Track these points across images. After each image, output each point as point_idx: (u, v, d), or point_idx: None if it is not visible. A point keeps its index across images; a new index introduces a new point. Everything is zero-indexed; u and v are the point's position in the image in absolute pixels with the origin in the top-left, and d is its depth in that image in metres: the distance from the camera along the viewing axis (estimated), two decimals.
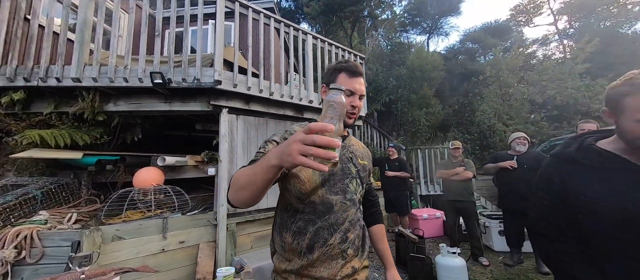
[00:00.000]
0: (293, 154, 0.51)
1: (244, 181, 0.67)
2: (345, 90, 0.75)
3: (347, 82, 0.91)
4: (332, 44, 3.89)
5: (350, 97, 0.91)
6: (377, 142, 7.50)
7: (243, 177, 0.68)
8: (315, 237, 0.85)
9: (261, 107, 3.15)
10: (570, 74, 9.28)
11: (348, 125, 0.94)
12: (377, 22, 14.20)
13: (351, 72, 0.92)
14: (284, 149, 0.55)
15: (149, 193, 2.43)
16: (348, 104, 0.89)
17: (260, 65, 2.99)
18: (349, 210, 0.90)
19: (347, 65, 0.94)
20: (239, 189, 0.68)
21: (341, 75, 0.93)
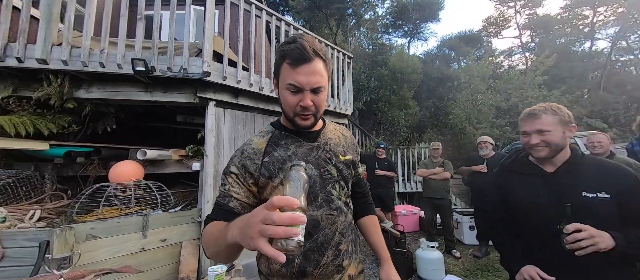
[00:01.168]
0: (254, 237, 0.42)
1: (212, 250, 0.62)
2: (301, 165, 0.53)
3: (290, 75, 0.69)
4: (322, 41, 3.88)
5: (297, 94, 0.70)
6: (358, 140, 7.68)
7: (211, 245, 0.62)
8: (305, 262, 0.75)
9: (250, 102, 3.07)
10: (531, 85, 10.26)
11: (304, 127, 0.76)
12: (361, 21, 14.39)
13: (294, 60, 0.67)
14: (245, 231, 0.45)
15: (128, 188, 2.27)
16: (296, 104, 0.71)
17: (251, 58, 2.90)
18: (337, 220, 0.80)
19: (289, 48, 0.68)
20: (212, 255, 0.64)
21: (284, 66, 0.70)
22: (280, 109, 0.79)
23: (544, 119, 1.03)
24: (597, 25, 16.59)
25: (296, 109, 0.72)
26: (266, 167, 0.75)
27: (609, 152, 2.38)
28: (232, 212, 0.70)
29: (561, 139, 1.01)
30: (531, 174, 1.10)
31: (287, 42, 0.72)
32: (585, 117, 10.77)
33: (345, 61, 4.42)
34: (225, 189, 0.73)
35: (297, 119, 0.74)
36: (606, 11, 16.13)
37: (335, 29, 12.44)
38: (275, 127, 0.85)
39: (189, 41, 2.48)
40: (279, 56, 0.72)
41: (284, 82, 0.71)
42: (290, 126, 0.81)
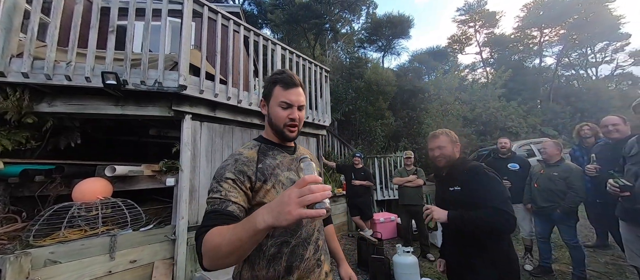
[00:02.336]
0: (292, 212, 0.53)
1: (227, 249, 0.60)
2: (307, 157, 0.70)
3: (283, 94, 0.88)
4: (300, 56, 4.02)
5: (288, 109, 0.88)
6: (337, 150, 7.83)
7: (224, 245, 0.60)
8: (292, 257, 0.83)
9: (228, 115, 3.06)
10: (492, 96, 11.27)
11: (291, 138, 0.91)
12: (338, 35, 14.94)
13: (286, 84, 0.88)
14: (280, 209, 0.54)
15: (94, 208, 2.14)
16: (286, 116, 0.88)
17: (229, 72, 2.93)
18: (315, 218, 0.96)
19: (281, 77, 0.89)
20: (223, 257, 0.61)
21: (277, 88, 0.89)
22: (268, 123, 0.94)
23: (441, 139, 1.48)
24: (544, 44, 18.82)
25: (286, 121, 0.89)
26: (261, 172, 0.84)
27: (559, 159, 2.70)
28: (232, 215, 0.72)
29: (452, 153, 1.47)
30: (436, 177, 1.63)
31: (277, 73, 0.91)
32: (539, 125, 11.98)
33: (323, 75, 4.59)
34: (221, 195, 0.75)
35: (285, 130, 0.89)
36: (551, 32, 18.39)
37: (313, 43, 12.79)
38: (260, 141, 0.95)
39: (164, 54, 2.45)
40: (270, 82, 0.91)
41: (277, 100, 0.89)
42: (275, 139, 0.95)
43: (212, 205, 0.74)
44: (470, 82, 14.92)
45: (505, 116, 10.60)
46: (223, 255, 0.60)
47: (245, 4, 15.54)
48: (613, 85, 18.62)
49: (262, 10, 15.31)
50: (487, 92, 11.41)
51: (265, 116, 0.94)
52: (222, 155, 3.04)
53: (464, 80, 14.82)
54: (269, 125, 0.93)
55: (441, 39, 43.57)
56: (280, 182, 0.85)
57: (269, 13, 13.19)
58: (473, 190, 1.32)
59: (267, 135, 0.96)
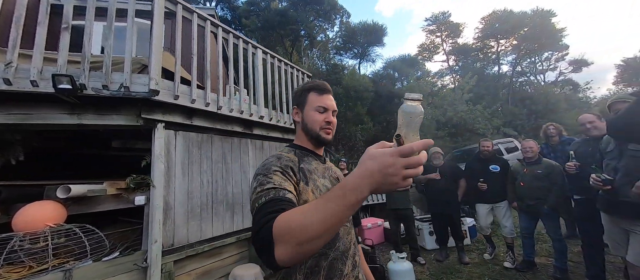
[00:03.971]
0: (399, 183, 0.49)
1: (319, 228, 0.49)
2: (414, 98, 0.57)
3: (318, 100, 0.91)
4: (282, 60, 3.88)
5: (324, 113, 0.91)
6: None
7: (316, 224, 0.50)
8: (331, 272, 0.76)
9: (206, 123, 2.80)
10: (460, 101, 12.04)
11: (326, 140, 0.91)
12: (314, 42, 15.06)
13: (320, 90, 0.92)
14: (381, 179, 0.48)
15: (41, 238, 1.77)
16: (322, 120, 0.91)
17: (207, 76, 2.69)
18: (350, 231, 0.88)
19: (315, 84, 0.94)
20: (311, 239, 0.50)
21: (311, 95, 0.92)
22: (302, 130, 0.94)
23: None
24: (500, 53, 20.75)
25: (322, 124, 0.90)
26: (303, 173, 0.82)
27: (538, 157, 2.86)
28: (291, 202, 0.65)
29: None
30: None
31: (309, 82, 0.96)
32: (501, 126, 13.03)
33: (305, 79, 4.48)
34: (276, 184, 0.69)
35: (322, 133, 0.90)
36: (505, 43, 20.35)
37: (290, 49, 12.71)
38: (293, 147, 0.93)
39: (131, 55, 2.17)
40: (304, 90, 0.94)
41: (313, 105, 0.91)
42: (309, 146, 0.94)
43: (266, 196, 0.65)
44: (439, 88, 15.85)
45: (473, 119, 11.37)
46: (312, 236, 0.49)
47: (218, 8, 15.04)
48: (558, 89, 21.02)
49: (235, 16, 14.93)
50: (455, 97, 12.16)
51: (297, 124, 0.95)
52: (201, 167, 2.77)
53: (434, 86, 15.70)
54: (304, 131, 0.93)
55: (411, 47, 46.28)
56: (318, 188, 0.82)
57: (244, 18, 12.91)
58: None
59: (300, 142, 0.95)
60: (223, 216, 2.91)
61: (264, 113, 3.37)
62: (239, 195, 3.15)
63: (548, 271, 2.86)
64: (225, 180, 3.01)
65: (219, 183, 2.94)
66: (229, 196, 3.02)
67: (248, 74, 3.28)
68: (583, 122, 2.23)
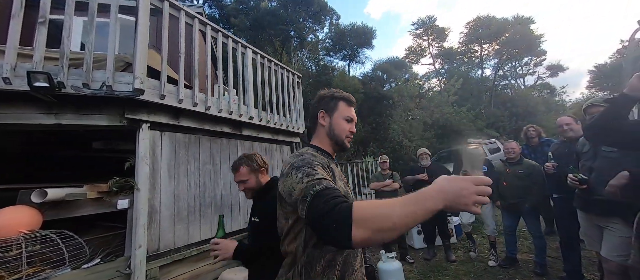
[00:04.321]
0: (469, 205, 0.58)
1: (398, 222, 0.57)
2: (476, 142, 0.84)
3: (347, 111, 0.99)
4: (272, 60, 3.85)
5: (350, 123, 1.00)
6: None
7: (397, 216, 0.57)
8: (345, 266, 0.82)
9: (194, 123, 2.73)
10: (446, 103, 12.38)
11: (347, 147, 1.00)
12: (304, 43, 15.03)
13: (349, 102, 1.01)
14: (456, 199, 0.58)
15: (15, 245, 1.66)
16: (348, 129, 0.99)
17: (195, 75, 2.62)
18: None
19: (346, 95, 1.01)
20: (389, 230, 0.57)
21: (341, 104, 0.99)
22: (325, 134, 0.97)
23: (241, 171, 1.44)
24: (484, 57, 21.54)
25: (347, 133, 0.98)
26: (332, 172, 0.87)
27: (520, 157, 2.98)
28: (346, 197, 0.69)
29: (256, 183, 1.45)
30: None
31: (339, 91, 1.01)
32: (485, 128, 13.51)
33: (295, 80, 4.47)
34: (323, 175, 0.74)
35: (345, 140, 0.98)
36: (488, 47, 21.15)
37: (279, 50, 12.63)
38: (316, 150, 0.96)
39: (114, 53, 2.08)
40: (334, 97, 0.99)
41: (343, 114, 0.98)
42: (329, 149, 0.98)
43: (320, 185, 0.68)
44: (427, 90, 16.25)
45: (458, 120, 11.73)
46: (391, 227, 0.58)
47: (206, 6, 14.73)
48: (536, 93, 22.06)
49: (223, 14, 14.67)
50: (442, 99, 12.51)
51: (320, 126, 0.98)
52: (188, 168, 2.69)
53: (422, 88, 16.08)
54: (328, 136, 0.97)
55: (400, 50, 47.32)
56: (340, 188, 0.82)
57: (232, 17, 12.71)
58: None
59: (322, 145, 0.98)
60: (211, 219, 2.85)
61: (253, 114, 3.32)
62: (228, 198, 3.09)
63: (529, 267, 2.99)
64: (213, 182, 2.94)
65: (208, 185, 2.87)
66: (217, 198, 2.95)
67: (237, 73, 3.23)
68: (560, 124, 2.35)
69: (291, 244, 0.82)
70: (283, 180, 0.81)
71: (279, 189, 0.83)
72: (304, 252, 0.80)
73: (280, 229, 0.86)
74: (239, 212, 3.20)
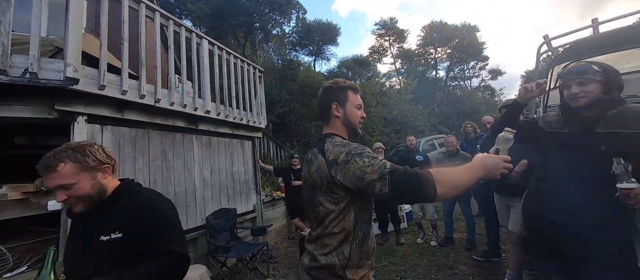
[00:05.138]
0: (498, 174, 0.84)
1: (464, 183, 0.82)
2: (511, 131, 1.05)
3: (355, 98, 1.07)
4: (231, 53, 3.74)
5: (360, 110, 1.09)
6: (273, 153, 7.66)
7: (464, 181, 0.82)
8: (370, 239, 0.99)
9: (142, 116, 2.56)
10: (404, 101, 13.31)
11: (359, 132, 1.09)
12: (270, 36, 14.66)
13: (356, 90, 1.09)
14: (493, 170, 0.84)
15: None
16: (360, 115, 1.08)
17: (142, 65, 2.44)
18: None
19: (351, 83, 1.09)
20: (458, 188, 0.82)
21: (350, 93, 1.06)
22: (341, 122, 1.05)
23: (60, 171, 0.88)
24: (437, 60, 23.52)
25: (359, 119, 1.07)
26: None
27: (457, 150, 3.41)
28: None
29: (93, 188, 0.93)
30: None
31: (343, 81, 1.08)
32: (437, 124, 14.89)
33: (257, 74, 4.41)
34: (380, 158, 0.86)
35: (358, 126, 1.07)
36: (441, 51, 23.13)
37: (243, 41, 12.14)
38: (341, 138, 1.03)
39: (39, 35, 1.84)
40: (342, 87, 1.06)
41: (354, 103, 1.06)
42: (345, 135, 1.06)
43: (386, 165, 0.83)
44: (387, 88, 17.22)
45: (415, 117, 12.73)
46: (460, 186, 0.82)
47: None
48: (480, 93, 24.93)
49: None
50: (400, 97, 13.41)
51: (335, 118, 1.05)
52: (135, 165, 2.53)
53: (383, 86, 16.97)
54: (344, 124, 1.05)
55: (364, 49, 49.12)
56: None
57: (190, 3, 11.79)
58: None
59: (339, 132, 1.05)
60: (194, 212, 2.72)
61: (210, 107, 3.22)
62: (183, 195, 2.97)
63: (462, 244, 3.48)
64: (165, 179, 2.80)
65: (158, 182, 2.73)
66: (170, 196, 2.82)
67: (192, 64, 3.08)
68: (485, 122, 2.78)
69: (340, 224, 0.91)
70: (343, 167, 0.87)
71: (331, 176, 0.89)
72: (356, 228, 0.93)
73: (325, 213, 0.92)
74: (194, 209, 3.10)
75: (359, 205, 0.94)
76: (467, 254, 3.24)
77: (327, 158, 0.91)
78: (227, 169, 3.68)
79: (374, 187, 0.81)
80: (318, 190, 0.94)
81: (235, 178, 3.82)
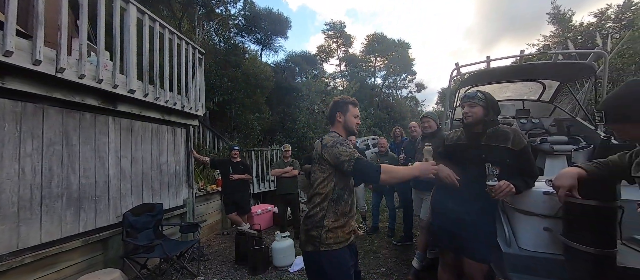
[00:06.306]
0: (431, 174, 1.34)
1: (401, 176, 1.28)
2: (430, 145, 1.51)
3: (354, 111, 1.47)
4: (166, 27, 3.28)
5: (356, 118, 1.47)
6: (209, 143, 7.06)
7: (400, 174, 1.28)
8: (350, 204, 1.37)
9: (34, 88, 2.02)
10: None
11: (355, 133, 1.53)
12: (212, 15, 13.31)
13: (355, 104, 1.49)
14: (426, 171, 1.31)
15: None
16: (356, 123, 1.48)
17: (40, 23, 1.91)
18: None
19: (353, 100, 1.49)
20: (395, 178, 1.26)
21: (350, 107, 1.46)
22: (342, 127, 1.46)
23: None
24: (376, 68, 25.89)
25: (356, 125, 1.48)
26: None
27: (387, 151, 3.88)
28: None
29: None
30: None
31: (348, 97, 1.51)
32: (372, 126, 16.46)
33: (196, 56, 4.00)
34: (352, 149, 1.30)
35: (356, 129, 1.49)
36: (380, 60, 25.55)
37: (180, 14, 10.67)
38: (338, 135, 1.41)
39: None
40: (346, 103, 1.47)
41: (352, 113, 1.46)
42: (344, 135, 1.46)
43: (355, 154, 1.26)
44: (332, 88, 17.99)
45: None
46: (399, 178, 1.28)
47: None
48: (407, 103, 28.71)
49: None
50: None
51: (338, 122, 1.45)
52: (22, 149, 1.99)
53: (328, 86, 17.66)
54: (343, 127, 1.46)
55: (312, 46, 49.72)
56: None
57: None
58: None
59: (338, 131, 1.45)
60: (62, 215, 2.23)
61: (135, 86, 2.77)
62: (91, 187, 2.49)
63: (385, 231, 4.03)
64: (67, 168, 2.29)
65: (56, 171, 2.21)
66: (73, 188, 2.33)
67: (114, 33, 2.58)
68: (410, 127, 3.29)
69: (325, 187, 1.31)
70: (329, 149, 1.28)
71: (322, 154, 1.31)
72: (334, 192, 1.31)
73: (315, 179, 1.34)
74: (107, 204, 2.64)
75: (338, 177, 1.33)
76: (388, 240, 3.77)
77: (323, 143, 1.34)
78: (154, 158, 3.24)
79: (343, 165, 1.25)
80: (314, 163, 1.38)
81: (163, 169, 3.39)
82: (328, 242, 1.26)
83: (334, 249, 1.26)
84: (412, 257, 2.74)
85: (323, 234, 1.26)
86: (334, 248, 1.26)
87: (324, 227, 1.27)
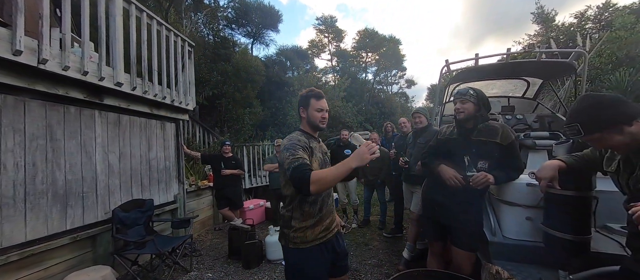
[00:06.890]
0: (368, 158, 1.10)
1: (331, 180, 1.11)
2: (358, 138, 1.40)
3: (317, 104, 1.35)
4: (154, 17, 3.17)
5: (321, 112, 1.35)
6: (199, 138, 6.94)
7: (330, 178, 1.11)
8: (322, 202, 1.32)
9: (15, 80, 1.94)
10: (337, 97, 14.24)
11: (323, 128, 1.38)
12: (201, 5, 12.92)
13: (318, 97, 1.36)
14: (362, 157, 1.10)
15: None
16: (320, 117, 1.35)
17: (19, 11, 1.82)
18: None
19: (316, 92, 1.38)
20: (326, 184, 1.11)
21: (312, 100, 1.34)
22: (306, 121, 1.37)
23: None
24: (368, 64, 25.99)
25: (319, 119, 1.35)
26: (311, 150, 1.29)
27: (379, 144, 3.95)
28: (310, 167, 1.18)
29: None
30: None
31: (311, 89, 1.39)
32: (363, 121, 16.60)
33: (186, 49, 3.90)
34: (301, 155, 1.18)
35: (320, 123, 1.36)
36: (372, 56, 25.65)
37: (166, 4, 10.29)
38: (302, 133, 1.37)
39: None
40: (307, 96, 1.37)
41: (314, 107, 1.34)
42: (311, 131, 1.39)
43: (300, 161, 1.14)
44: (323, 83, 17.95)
45: (345, 113, 13.83)
46: (327, 183, 1.11)
47: None
48: (398, 99, 29.05)
49: None
50: (334, 94, 14.27)
51: (302, 117, 1.39)
52: (2, 144, 1.90)
53: (319, 81, 17.60)
54: (307, 123, 1.37)
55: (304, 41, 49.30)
56: (317, 158, 1.32)
57: None
58: None
59: (305, 128, 1.39)
60: (47, 212, 2.16)
61: (123, 79, 2.68)
62: (77, 183, 2.41)
63: (376, 224, 4.12)
64: (52, 164, 2.22)
65: (40, 167, 2.13)
66: (59, 184, 2.26)
67: (99, 24, 2.47)
68: (400, 123, 3.35)
69: (288, 190, 1.29)
70: (281, 153, 1.25)
71: (279, 158, 1.31)
72: (297, 195, 1.26)
73: (281, 180, 1.33)
74: (95, 200, 2.57)
75: None
76: (379, 232, 3.87)
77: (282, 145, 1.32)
78: (143, 154, 3.17)
79: (285, 171, 1.20)
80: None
81: (153, 165, 3.32)
82: (295, 241, 1.28)
83: (301, 248, 1.27)
84: (403, 248, 2.83)
85: (291, 234, 1.28)
86: (301, 247, 1.27)
87: (292, 228, 1.28)
